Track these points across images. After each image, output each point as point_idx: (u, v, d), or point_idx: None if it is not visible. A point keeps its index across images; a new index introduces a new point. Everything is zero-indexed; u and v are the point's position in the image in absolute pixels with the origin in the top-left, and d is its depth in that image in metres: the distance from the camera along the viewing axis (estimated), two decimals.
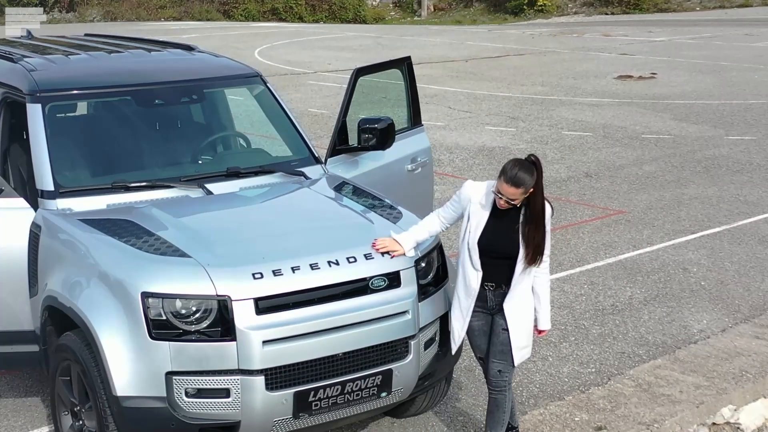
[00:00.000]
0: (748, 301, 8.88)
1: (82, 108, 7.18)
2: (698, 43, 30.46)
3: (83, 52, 7.42)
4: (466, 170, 13.90)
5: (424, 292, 5.91)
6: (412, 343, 5.77)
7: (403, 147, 7.83)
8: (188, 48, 7.87)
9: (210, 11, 44.58)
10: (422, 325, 5.85)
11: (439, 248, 6.15)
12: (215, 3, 45.24)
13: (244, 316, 5.28)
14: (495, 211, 5.72)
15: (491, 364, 5.93)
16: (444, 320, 6.09)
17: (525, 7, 46.39)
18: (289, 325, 5.35)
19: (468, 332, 5.98)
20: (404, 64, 8.08)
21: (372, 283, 5.65)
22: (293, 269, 5.46)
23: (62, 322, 5.77)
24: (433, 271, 6.06)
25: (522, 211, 5.68)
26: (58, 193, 6.20)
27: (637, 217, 11.54)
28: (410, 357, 5.74)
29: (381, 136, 7.24)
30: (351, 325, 5.53)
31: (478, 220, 5.75)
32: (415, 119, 8.23)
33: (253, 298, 5.30)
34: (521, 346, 5.87)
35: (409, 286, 5.78)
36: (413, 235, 5.90)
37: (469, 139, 15.97)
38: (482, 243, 5.71)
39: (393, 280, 5.72)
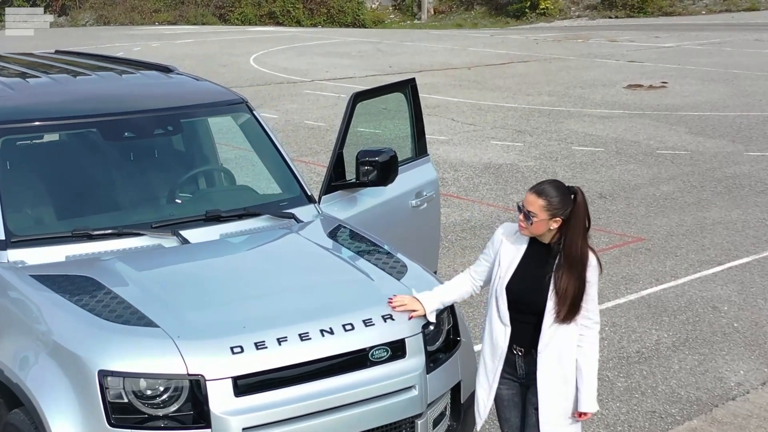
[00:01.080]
0: None
1: (40, 141, 6.26)
2: (707, 49, 29.60)
3: (45, 75, 6.52)
4: (471, 190, 13.05)
5: (433, 361, 5.06)
6: (419, 422, 4.94)
7: (407, 180, 6.98)
8: (165, 69, 6.95)
9: (205, 15, 43.74)
10: (431, 401, 5.00)
11: (450, 307, 5.29)
12: (211, 7, 44.40)
13: (220, 398, 4.43)
14: (529, 252, 4.90)
15: None
16: (456, 390, 5.25)
17: (527, 10, 45.62)
18: (275, 408, 4.51)
19: (496, 402, 5.08)
20: (408, 87, 7.24)
21: (372, 355, 4.81)
22: (279, 340, 4.61)
23: (12, 396, 4.91)
24: (443, 335, 5.22)
25: (560, 256, 4.81)
26: (10, 242, 5.33)
27: (658, 245, 10.68)
28: None
29: (382, 170, 6.37)
30: (348, 406, 4.69)
31: (508, 263, 4.91)
32: (420, 148, 7.37)
33: (232, 377, 4.46)
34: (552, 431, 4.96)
35: (415, 357, 4.93)
36: (438, 296, 5.07)
37: (474, 155, 15.12)
38: (512, 290, 4.87)
39: (397, 350, 4.88)
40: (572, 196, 4.80)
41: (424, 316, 5.00)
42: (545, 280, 4.82)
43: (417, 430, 4.92)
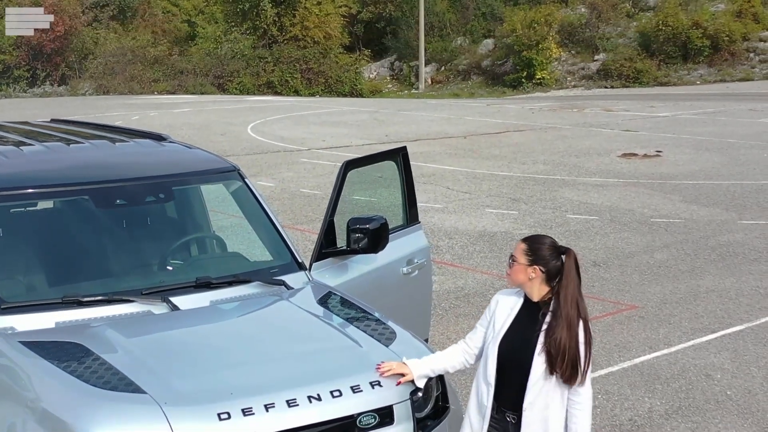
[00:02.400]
0: None
1: (33, 208, 6.30)
2: (702, 118, 29.83)
3: (39, 143, 6.58)
4: (466, 258, 13.07)
5: (422, 428, 5.05)
6: None
7: (398, 247, 7.00)
8: (159, 138, 7.01)
9: (204, 84, 44.15)
10: None
11: (439, 374, 5.29)
12: (210, 77, 44.80)
13: None
14: (521, 312, 4.95)
15: None
16: None
17: (523, 80, 46.16)
18: None
19: None
20: (399, 156, 7.28)
21: (360, 421, 4.80)
22: (267, 407, 4.60)
23: None
24: (432, 401, 5.20)
25: (550, 312, 4.84)
26: (0, 309, 5.35)
27: (652, 313, 10.68)
28: None
29: (373, 237, 6.40)
30: None
31: (501, 324, 4.95)
32: (411, 216, 7.41)
33: None
34: None
35: (403, 423, 4.92)
36: (428, 363, 5.07)
37: (469, 223, 15.17)
38: (501, 350, 4.89)
39: (385, 416, 4.87)
40: (561, 255, 4.86)
41: (413, 381, 5.01)
42: (533, 339, 4.83)
43: None
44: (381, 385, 4.90)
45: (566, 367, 4.77)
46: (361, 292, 6.34)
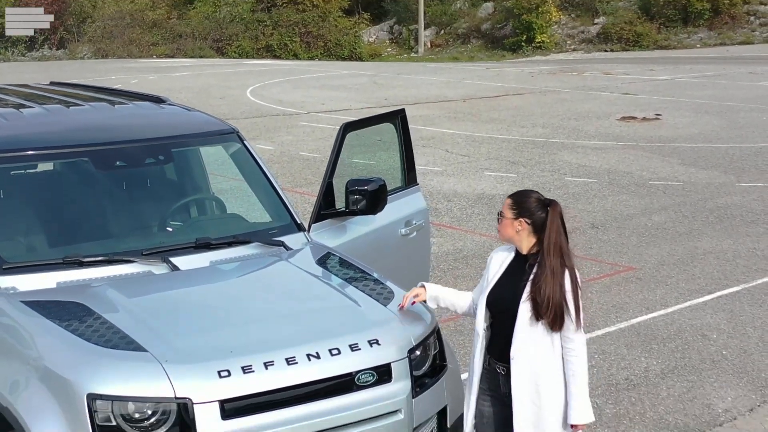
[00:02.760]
0: None
1: (33, 170, 6.33)
2: (702, 82, 29.80)
3: (39, 106, 6.60)
4: (464, 220, 13.13)
5: (419, 386, 5.13)
6: None
7: (396, 209, 7.04)
8: (158, 100, 7.04)
9: (203, 48, 44.00)
10: (417, 425, 5.06)
11: (436, 333, 5.36)
12: (208, 40, 44.64)
13: (207, 421, 4.50)
14: (511, 264, 5.12)
15: None
16: (442, 414, 5.32)
17: (523, 44, 45.95)
18: (262, 430, 4.57)
19: (478, 419, 5.17)
20: (398, 118, 7.30)
21: (358, 379, 4.87)
22: (266, 365, 4.67)
23: (3, 420, 4.96)
24: (430, 360, 5.28)
25: (537, 262, 4.98)
26: (2, 269, 5.39)
27: (649, 275, 10.75)
28: None
29: (371, 199, 6.44)
30: (334, 429, 4.76)
31: (492, 276, 5.12)
32: (409, 178, 7.44)
33: (219, 400, 4.52)
34: None
35: (401, 381, 5.00)
36: (440, 291, 5.35)
37: (468, 186, 15.21)
38: (490, 299, 5.06)
39: (383, 374, 4.95)
40: (546, 207, 5.00)
41: (424, 302, 5.30)
42: (521, 288, 4.97)
43: None
44: (379, 344, 4.97)
45: (551, 314, 4.88)
46: (359, 253, 6.40)
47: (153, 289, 5.47)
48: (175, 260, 5.62)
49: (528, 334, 4.92)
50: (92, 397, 4.48)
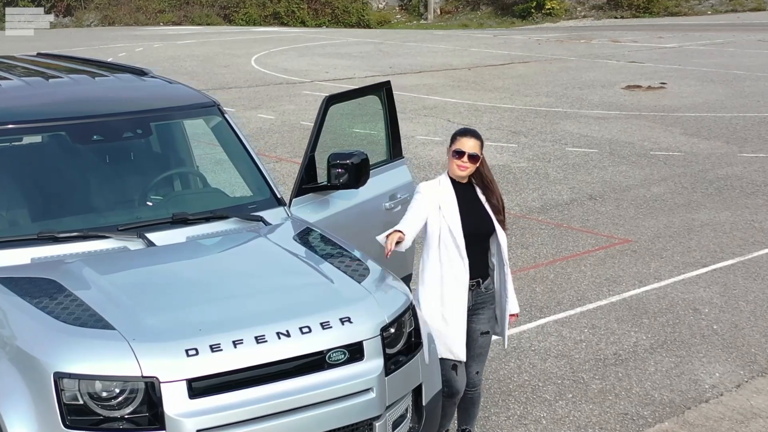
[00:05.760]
0: (766, 349, 8.02)
1: (8, 144, 6.25)
2: (710, 50, 29.56)
3: (17, 78, 6.54)
4: None
5: (393, 363, 5.08)
6: (377, 424, 4.96)
7: (381, 182, 6.99)
8: (140, 73, 6.96)
9: (210, 15, 43.77)
10: (390, 403, 5.02)
11: (411, 310, 5.31)
12: (215, 7, 44.42)
13: (174, 400, 4.46)
14: (459, 194, 5.86)
15: (469, 369, 5.97)
16: (418, 392, 5.29)
17: (533, 10, 45.58)
18: (230, 410, 4.54)
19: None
20: (383, 90, 7.23)
21: (330, 357, 4.83)
22: (235, 343, 4.63)
23: None
24: (404, 337, 5.22)
25: (476, 186, 5.93)
26: None
27: (644, 247, 10.68)
28: None
29: (354, 172, 6.38)
30: (304, 408, 4.72)
31: (450, 209, 5.78)
32: (395, 151, 7.38)
33: (186, 379, 4.49)
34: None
35: (373, 359, 4.95)
36: (411, 230, 5.72)
37: None
38: (466, 227, 5.75)
39: (355, 352, 4.90)
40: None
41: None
42: (485, 208, 5.87)
43: None
44: (351, 322, 4.92)
45: (504, 217, 5.96)
46: (342, 227, 6.35)
47: (127, 266, 5.42)
48: (150, 236, 5.57)
49: (503, 250, 5.91)
50: (59, 376, 4.45)
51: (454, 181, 5.90)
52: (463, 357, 5.85)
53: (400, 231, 5.59)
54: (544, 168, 14.28)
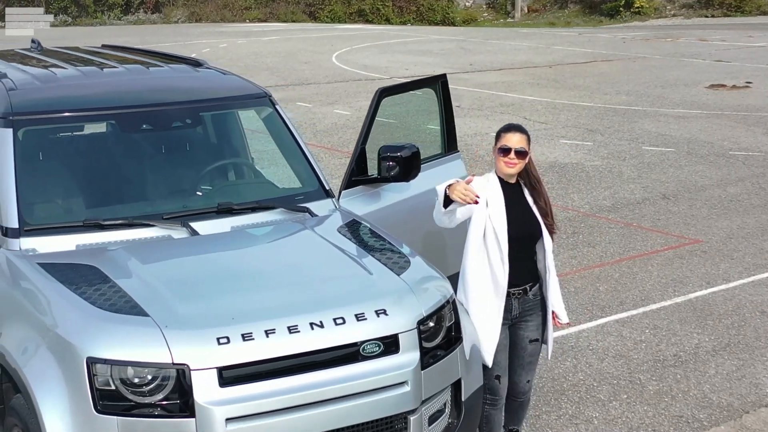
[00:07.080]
0: None
1: (59, 132, 6.31)
2: None
3: (74, 68, 6.60)
4: None
5: (431, 357, 5.01)
6: (412, 418, 4.88)
7: (434, 176, 6.89)
8: (195, 64, 6.98)
9: (296, 12, 44.03)
10: (426, 397, 4.95)
11: (452, 303, 5.23)
12: (301, 4, 44.66)
13: (205, 388, 4.45)
14: (507, 194, 5.64)
15: (518, 378, 5.81)
16: (457, 387, 5.21)
17: (621, 9, 44.94)
18: (259, 399, 4.51)
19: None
20: (438, 83, 7.17)
21: (364, 349, 4.78)
22: (267, 332, 4.61)
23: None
24: (443, 331, 5.15)
25: (524, 186, 5.73)
26: (23, 231, 5.42)
27: (715, 248, 10.43)
28: None
29: (404, 165, 6.34)
30: (335, 399, 4.67)
31: (496, 209, 5.57)
32: (449, 145, 7.31)
33: (217, 367, 4.47)
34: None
35: (409, 352, 4.88)
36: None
37: (541, 154, 14.93)
38: (511, 230, 5.53)
39: (390, 345, 4.84)
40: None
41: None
42: (533, 211, 5.66)
43: (410, 426, 4.87)
44: (387, 314, 4.86)
45: (553, 222, 5.77)
46: (392, 221, 6.30)
47: (169, 254, 5.44)
48: (195, 225, 5.58)
49: (551, 255, 5.66)
50: (92, 361, 4.47)
51: (502, 181, 5.69)
52: (488, 363, 5.62)
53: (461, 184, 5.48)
54: (618, 166, 14.05)
